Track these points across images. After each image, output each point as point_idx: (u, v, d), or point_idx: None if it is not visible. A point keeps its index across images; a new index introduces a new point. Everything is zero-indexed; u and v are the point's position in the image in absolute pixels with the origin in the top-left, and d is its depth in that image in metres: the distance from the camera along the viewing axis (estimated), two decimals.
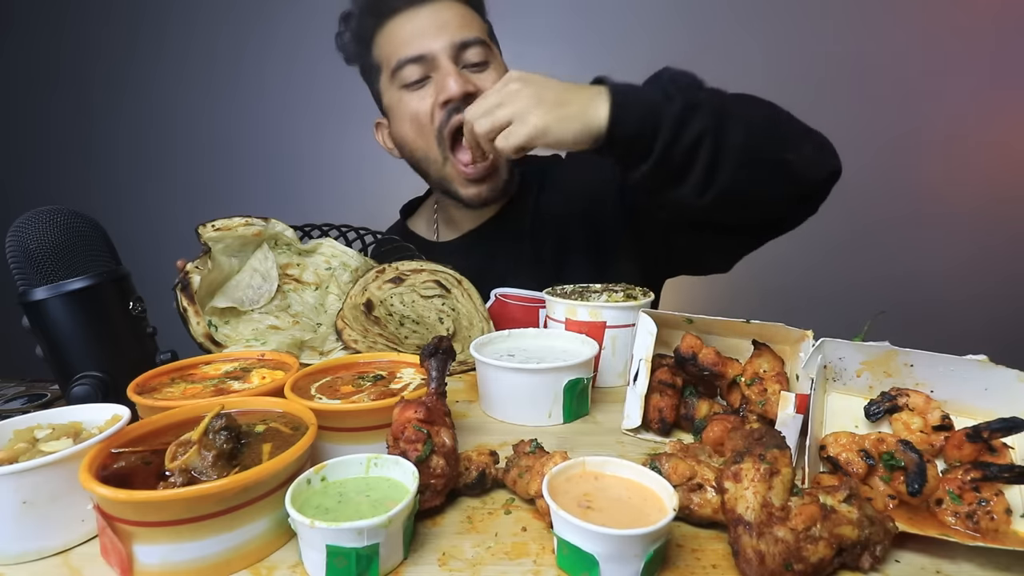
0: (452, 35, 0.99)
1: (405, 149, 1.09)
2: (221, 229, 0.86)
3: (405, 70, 1.00)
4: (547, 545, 0.45)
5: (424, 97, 1.01)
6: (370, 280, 0.96)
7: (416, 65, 1.00)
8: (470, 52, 1.00)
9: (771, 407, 0.59)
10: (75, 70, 2.67)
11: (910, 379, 0.53)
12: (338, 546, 0.39)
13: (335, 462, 0.46)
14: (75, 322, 0.64)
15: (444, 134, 1.01)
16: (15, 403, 0.95)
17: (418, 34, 0.99)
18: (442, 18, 1.00)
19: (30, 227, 0.63)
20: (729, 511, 0.40)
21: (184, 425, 0.50)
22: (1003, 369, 0.48)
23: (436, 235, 1.25)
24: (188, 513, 0.40)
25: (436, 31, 0.99)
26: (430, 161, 1.05)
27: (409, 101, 1.02)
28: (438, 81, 0.99)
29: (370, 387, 0.62)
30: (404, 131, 1.06)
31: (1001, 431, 0.45)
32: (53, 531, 0.45)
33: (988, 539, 0.42)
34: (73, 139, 2.74)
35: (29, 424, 0.51)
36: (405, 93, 1.02)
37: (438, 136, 1.02)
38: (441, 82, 0.99)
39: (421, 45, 0.99)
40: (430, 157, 1.05)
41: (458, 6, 1.02)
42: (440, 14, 1.00)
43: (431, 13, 1.00)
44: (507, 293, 1.07)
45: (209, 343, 0.80)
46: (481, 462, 0.52)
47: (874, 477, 0.49)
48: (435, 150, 1.03)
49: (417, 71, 1.00)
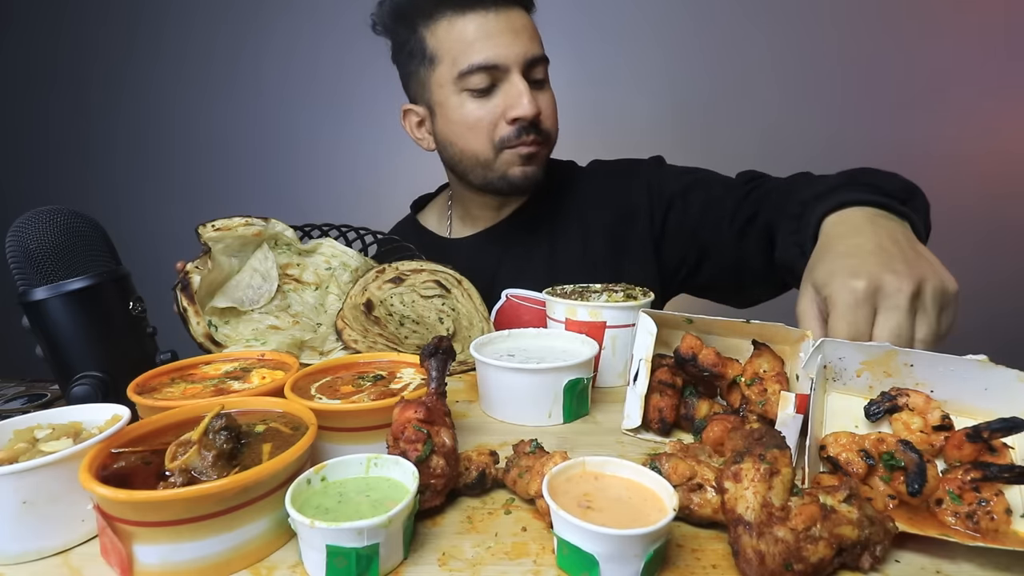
0: (525, 48, 0.97)
1: (450, 148, 1.07)
2: (221, 229, 0.86)
3: (472, 77, 0.97)
4: (547, 545, 0.45)
5: (489, 107, 0.99)
6: (370, 280, 0.96)
7: (486, 73, 0.97)
8: (537, 69, 1.00)
9: (771, 407, 0.59)
10: (74, 69, 2.67)
11: (910, 379, 0.53)
12: (338, 546, 0.39)
13: (335, 462, 0.46)
14: (75, 322, 0.64)
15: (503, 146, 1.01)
16: (15, 403, 0.95)
17: (492, 40, 0.96)
18: (515, 27, 0.97)
19: (30, 227, 0.63)
20: (729, 511, 0.40)
21: (184, 425, 0.50)
22: (1003, 369, 0.48)
23: (449, 231, 1.23)
24: (188, 513, 0.40)
25: (511, 40, 0.96)
26: (478, 160, 1.04)
27: (471, 108, 1.00)
28: (508, 94, 0.98)
29: (370, 387, 0.62)
30: (455, 132, 1.03)
31: (1001, 431, 0.45)
32: (53, 531, 0.45)
33: (988, 539, 0.42)
34: (72, 139, 2.74)
35: (29, 424, 0.51)
36: (468, 98, 1.00)
37: (498, 146, 1.01)
38: (513, 99, 0.97)
39: (495, 53, 0.96)
40: (479, 158, 1.03)
41: (527, 18, 1.00)
42: (513, 22, 0.97)
43: (505, 20, 0.97)
44: (518, 294, 1.07)
45: (209, 343, 0.80)
46: (481, 462, 0.52)
47: (874, 477, 0.49)
48: (488, 154, 1.02)
49: (486, 80, 0.97)
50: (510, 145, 1.00)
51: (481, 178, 1.06)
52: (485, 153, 1.02)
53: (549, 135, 1.04)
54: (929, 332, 0.55)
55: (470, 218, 1.20)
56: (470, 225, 1.20)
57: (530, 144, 1.00)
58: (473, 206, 1.17)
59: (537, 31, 1.03)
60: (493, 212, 1.16)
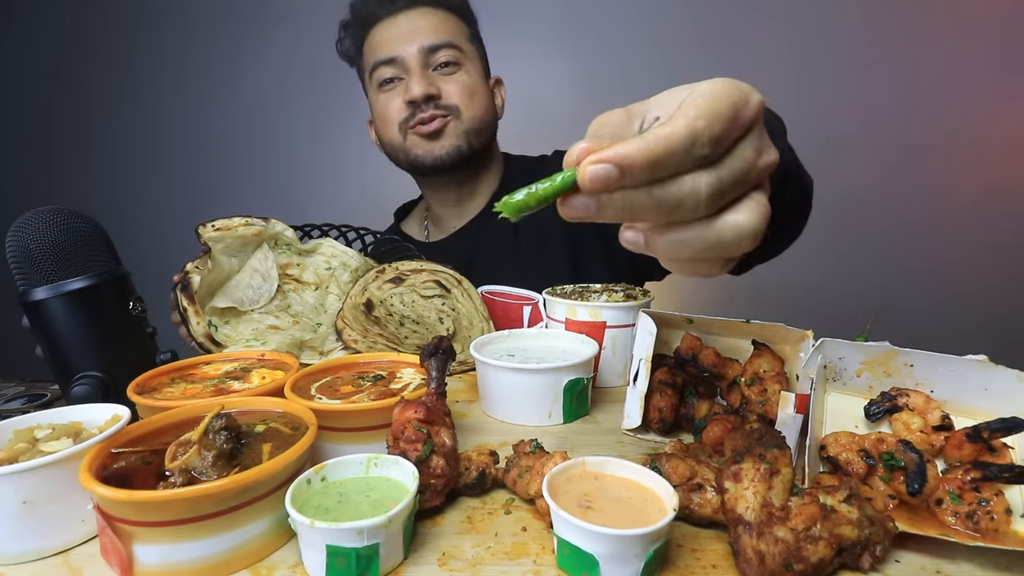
0: (422, 40, 1.08)
1: (382, 142, 1.18)
2: (221, 229, 0.86)
3: (378, 71, 1.11)
4: (547, 545, 0.44)
5: (392, 97, 1.11)
6: (370, 280, 0.96)
7: (388, 67, 1.09)
8: (439, 55, 1.09)
9: (771, 407, 0.59)
10: (75, 70, 2.67)
11: (910, 379, 0.53)
12: (338, 546, 0.39)
13: (335, 462, 0.46)
14: (75, 322, 0.64)
15: (406, 128, 1.10)
16: (15, 403, 0.95)
17: (392, 39, 1.09)
18: (415, 24, 1.09)
19: (30, 227, 0.63)
20: (729, 511, 0.40)
21: (184, 425, 0.50)
22: (1003, 369, 0.48)
23: (427, 236, 1.29)
24: (188, 513, 0.40)
25: (408, 36, 1.08)
26: (394, 146, 1.14)
27: (383, 100, 1.12)
28: (405, 81, 1.09)
29: (370, 387, 0.62)
30: (379, 126, 1.17)
31: (1001, 431, 0.45)
32: (53, 531, 0.45)
33: (988, 539, 0.42)
34: (73, 139, 2.74)
35: (29, 424, 0.51)
36: (380, 92, 1.13)
37: (401, 129, 1.11)
38: (407, 83, 1.09)
39: (393, 48, 1.08)
40: (394, 144, 1.14)
41: (434, 13, 1.10)
42: (414, 21, 1.09)
43: (406, 20, 1.09)
44: (492, 290, 1.08)
45: (209, 343, 0.79)
46: (481, 462, 0.52)
47: (874, 477, 0.49)
48: (398, 138, 1.12)
49: (388, 71, 1.10)
50: (411, 126, 1.10)
51: (403, 162, 1.17)
52: (397, 138, 1.13)
53: (453, 108, 1.10)
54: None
55: (441, 221, 1.26)
56: (443, 229, 1.26)
57: (428, 121, 1.09)
58: (439, 209, 1.25)
59: (454, 20, 1.12)
60: (459, 214, 1.23)
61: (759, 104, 0.34)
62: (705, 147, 0.30)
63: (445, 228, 1.25)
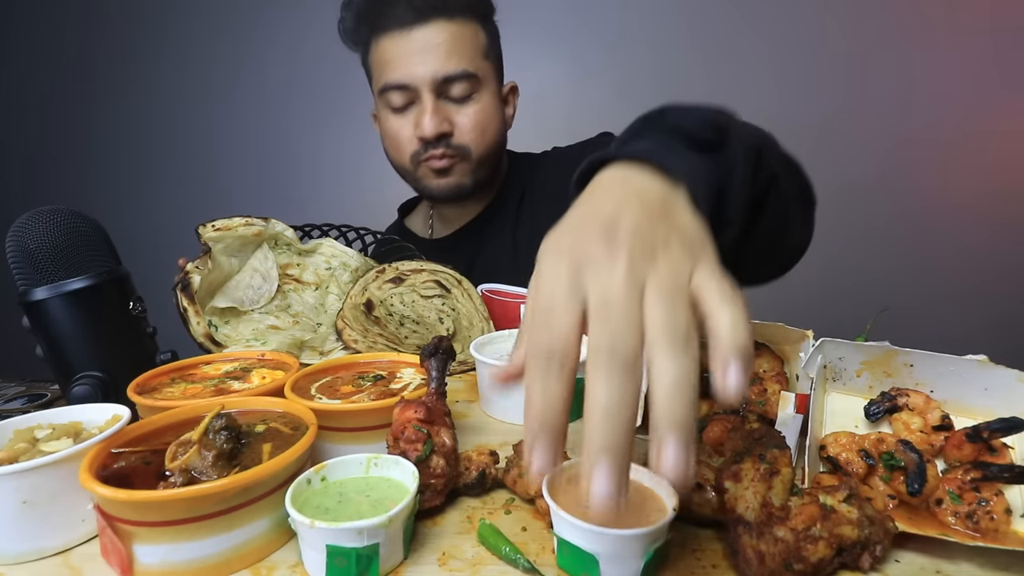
0: (436, 67, 0.98)
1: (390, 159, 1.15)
2: (221, 229, 0.86)
3: (390, 95, 1.03)
4: (547, 545, 0.44)
5: (404, 125, 1.05)
6: (370, 280, 0.96)
7: (400, 92, 1.01)
8: (454, 86, 1.01)
9: (771, 407, 0.59)
10: (75, 70, 2.67)
11: (910, 379, 0.53)
12: (338, 546, 0.39)
13: (335, 462, 0.46)
14: (75, 322, 0.64)
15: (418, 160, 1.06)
16: (15, 403, 0.95)
17: (404, 56, 0.99)
18: (431, 44, 0.98)
19: (30, 227, 0.63)
20: (729, 511, 0.40)
21: (184, 425, 0.50)
22: (1003, 369, 0.48)
23: (431, 232, 1.28)
24: (188, 513, 0.40)
25: (422, 60, 0.98)
26: (404, 171, 1.12)
27: (393, 122, 1.07)
28: (418, 113, 1.02)
29: (370, 387, 0.62)
30: (386, 143, 1.13)
31: (1001, 431, 0.45)
32: (53, 531, 0.45)
33: (988, 539, 0.42)
34: (74, 139, 2.74)
35: (29, 424, 0.51)
36: (390, 113, 1.06)
37: (412, 160, 1.07)
38: (418, 118, 1.02)
39: (405, 73, 0.99)
40: (404, 169, 1.11)
41: (451, 27, 1.00)
42: (429, 39, 0.98)
43: (421, 37, 0.98)
44: (493, 289, 1.07)
45: (209, 343, 0.79)
46: (481, 462, 0.52)
47: (874, 477, 0.49)
48: (408, 165, 1.09)
49: (401, 98, 1.02)
50: (423, 159, 1.06)
51: (412, 185, 1.14)
52: (406, 165, 1.09)
53: (464, 149, 1.06)
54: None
55: (446, 219, 1.24)
56: (447, 225, 1.24)
57: (440, 158, 1.05)
58: (444, 207, 1.22)
59: (473, 33, 1.03)
60: (463, 211, 1.20)
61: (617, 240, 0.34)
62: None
63: (450, 224, 1.24)
